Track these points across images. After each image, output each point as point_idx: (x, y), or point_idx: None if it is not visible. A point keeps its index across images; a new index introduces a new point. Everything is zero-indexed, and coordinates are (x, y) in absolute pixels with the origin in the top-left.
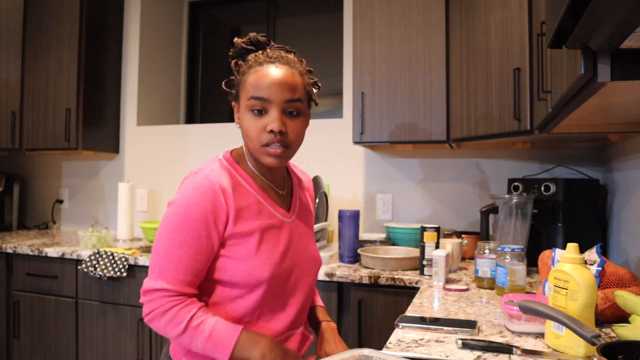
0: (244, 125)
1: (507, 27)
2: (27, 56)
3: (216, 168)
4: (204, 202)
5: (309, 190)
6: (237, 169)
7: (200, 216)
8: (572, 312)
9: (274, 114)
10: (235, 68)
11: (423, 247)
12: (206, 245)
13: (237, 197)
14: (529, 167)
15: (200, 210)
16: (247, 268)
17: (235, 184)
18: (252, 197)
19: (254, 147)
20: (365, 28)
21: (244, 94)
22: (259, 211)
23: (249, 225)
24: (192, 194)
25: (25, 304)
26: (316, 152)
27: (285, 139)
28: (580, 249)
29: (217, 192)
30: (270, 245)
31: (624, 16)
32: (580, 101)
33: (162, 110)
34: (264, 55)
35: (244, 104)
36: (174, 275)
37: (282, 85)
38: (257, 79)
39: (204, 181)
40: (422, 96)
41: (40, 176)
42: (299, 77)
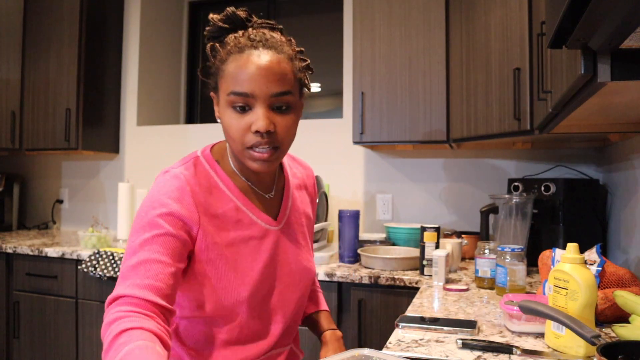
0: (224, 123)
1: (507, 27)
2: (27, 56)
3: (189, 167)
4: (169, 199)
5: (308, 187)
6: (215, 168)
7: (165, 212)
8: (572, 312)
9: (260, 111)
10: (212, 53)
11: (423, 247)
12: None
13: (212, 203)
14: (529, 167)
15: (164, 206)
16: (221, 288)
17: (211, 187)
18: (231, 203)
19: (236, 149)
20: (365, 28)
21: (223, 86)
22: (238, 220)
23: (224, 236)
24: (157, 191)
25: (25, 304)
26: (316, 152)
27: (274, 140)
28: (580, 249)
29: (187, 192)
30: (248, 260)
31: (624, 16)
32: (580, 101)
33: (162, 110)
34: (245, 37)
35: (224, 98)
36: (135, 280)
37: (267, 76)
38: (237, 70)
39: (173, 181)
40: (422, 96)
41: (40, 176)
42: (287, 63)
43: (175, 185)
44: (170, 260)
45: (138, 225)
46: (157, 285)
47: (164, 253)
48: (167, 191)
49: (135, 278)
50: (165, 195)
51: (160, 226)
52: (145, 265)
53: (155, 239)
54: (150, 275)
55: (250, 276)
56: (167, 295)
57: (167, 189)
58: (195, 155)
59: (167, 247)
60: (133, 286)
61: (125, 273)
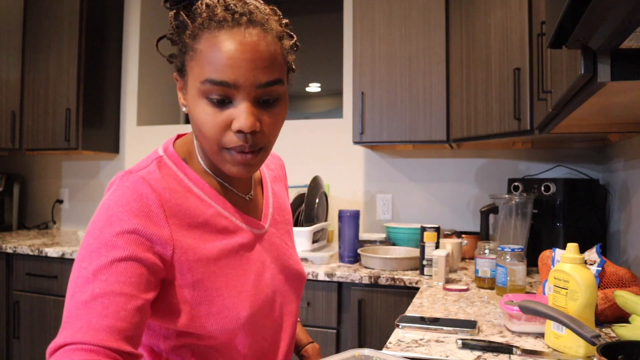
0: (195, 116)
1: (507, 27)
2: (27, 56)
3: (153, 171)
4: (131, 213)
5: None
6: (184, 169)
7: (125, 230)
8: (572, 312)
9: (243, 106)
10: (175, 23)
11: (423, 247)
12: (136, 271)
13: (189, 211)
14: (529, 167)
15: (124, 223)
16: (216, 313)
17: (183, 190)
18: (210, 209)
19: (210, 149)
20: (365, 28)
21: (195, 69)
22: (222, 228)
23: (210, 249)
24: (114, 202)
25: (25, 304)
26: (316, 152)
27: (258, 141)
28: (580, 249)
29: (152, 201)
30: (240, 272)
31: (624, 16)
32: (580, 101)
33: (162, 110)
34: (221, 6)
35: (195, 85)
36: (82, 322)
37: (254, 61)
38: (214, 52)
39: (136, 187)
40: (422, 96)
41: (40, 176)
42: (276, 43)
43: (137, 194)
44: (135, 292)
45: (90, 247)
46: (118, 325)
47: (126, 282)
48: (127, 202)
49: (88, 318)
50: (125, 208)
51: (119, 247)
52: (102, 301)
53: (115, 265)
54: (108, 314)
55: (246, 291)
56: (132, 337)
57: (127, 198)
58: (158, 155)
59: (130, 274)
60: (86, 329)
61: (75, 312)
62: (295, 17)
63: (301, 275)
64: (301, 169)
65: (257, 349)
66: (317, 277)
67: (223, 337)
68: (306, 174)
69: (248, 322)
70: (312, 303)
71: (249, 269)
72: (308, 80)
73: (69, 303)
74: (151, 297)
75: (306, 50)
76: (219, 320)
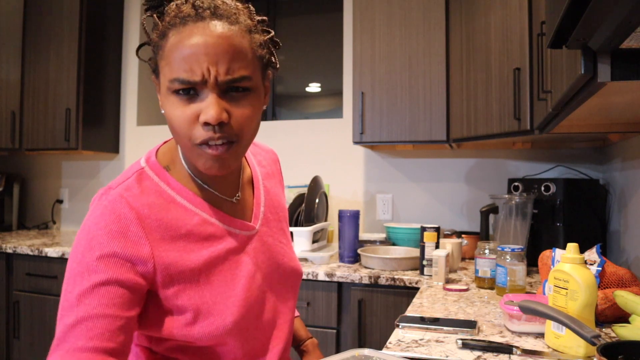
0: (167, 114)
1: (507, 27)
2: (27, 56)
3: (132, 185)
4: (109, 235)
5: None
6: (166, 179)
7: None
8: (572, 312)
9: (209, 98)
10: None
11: (423, 247)
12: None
13: (171, 224)
14: (529, 167)
15: (104, 247)
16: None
17: (166, 203)
18: (195, 217)
19: (184, 146)
20: (365, 28)
21: (164, 68)
22: (208, 235)
23: (194, 259)
24: (94, 224)
25: (25, 304)
26: (316, 152)
27: (228, 133)
28: (580, 249)
29: (130, 220)
30: (228, 278)
31: (624, 16)
32: (580, 101)
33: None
34: (189, 5)
35: (165, 84)
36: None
37: (217, 54)
38: (178, 48)
39: (111, 206)
40: (422, 96)
41: (40, 176)
42: (243, 36)
43: (115, 214)
44: (118, 312)
45: (73, 271)
46: (103, 346)
47: (109, 304)
48: (106, 224)
49: (75, 341)
50: (104, 231)
51: (100, 271)
52: (86, 324)
53: (96, 289)
54: (92, 336)
55: (235, 296)
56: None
57: (105, 221)
58: (139, 167)
59: (112, 296)
60: (72, 352)
61: (62, 336)
62: (295, 17)
63: (296, 272)
64: (301, 169)
65: (249, 348)
66: (317, 277)
67: (210, 342)
68: (306, 174)
69: (235, 327)
70: (312, 303)
71: (238, 273)
72: (308, 80)
73: (58, 326)
74: (135, 313)
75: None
76: (204, 327)
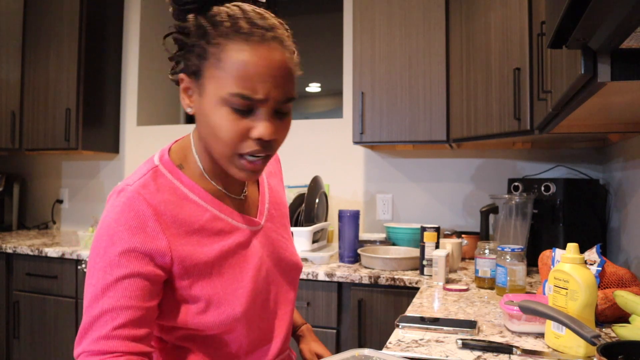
0: (212, 121)
1: (507, 27)
2: (27, 56)
3: (148, 182)
4: (130, 232)
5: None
6: (179, 176)
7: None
8: (572, 312)
9: (265, 116)
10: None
11: (423, 247)
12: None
13: (185, 220)
14: (529, 167)
15: (126, 243)
16: (213, 310)
17: (179, 200)
18: (206, 214)
19: (223, 154)
20: (365, 28)
21: (220, 78)
22: (218, 230)
23: (207, 253)
24: (114, 220)
25: (25, 304)
26: (316, 152)
27: (271, 148)
28: (580, 249)
29: (148, 217)
30: (237, 270)
31: (624, 16)
32: (580, 101)
33: (162, 110)
34: (246, 20)
35: (219, 94)
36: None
37: (279, 79)
38: (244, 66)
39: (130, 203)
40: (422, 96)
41: (40, 176)
42: (293, 61)
43: (134, 211)
44: (140, 303)
45: (98, 264)
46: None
47: (132, 296)
48: (126, 220)
49: (101, 329)
50: (124, 227)
51: (122, 266)
52: (111, 314)
53: (120, 283)
54: (118, 325)
55: (243, 287)
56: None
57: (125, 217)
58: (153, 165)
59: (134, 289)
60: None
61: (88, 326)
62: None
63: (297, 266)
64: (301, 169)
65: (254, 337)
66: (317, 277)
67: (220, 329)
68: (306, 174)
69: (243, 316)
70: (312, 303)
71: (246, 265)
72: (308, 80)
73: (84, 316)
74: (155, 303)
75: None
76: (216, 316)
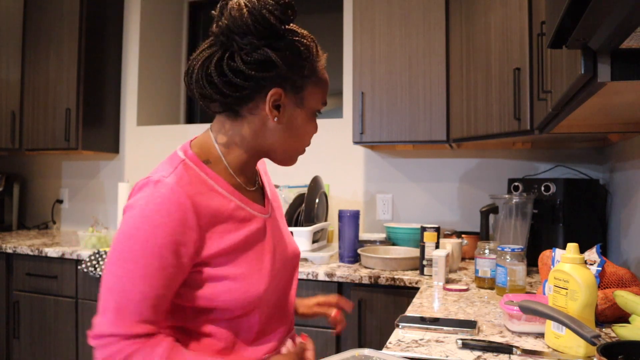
0: (302, 129)
1: (507, 27)
2: (27, 56)
3: (182, 174)
4: (172, 224)
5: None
6: (205, 170)
7: (168, 241)
8: (572, 312)
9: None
10: (304, 55)
11: (423, 247)
12: (174, 275)
13: (216, 209)
14: (529, 167)
15: (168, 234)
16: (240, 287)
17: (208, 190)
18: (231, 203)
19: (295, 150)
20: (365, 28)
21: (316, 94)
22: (242, 219)
23: (234, 239)
24: (155, 211)
25: (25, 304)
26: (316, 152)
27: None
28: (580, 249)
29: (187, 208)
30: (259, 253)
31: (624, 16)
32: (580, 101)
33: (162, 110)
34: (314, 42)
35: (314, 106)
36: (135, 317)
37: None
38: (326, 84)
39: (170, 195)
40: (422, 96)
41: (40, 176)
42: None
43: (176, 203)
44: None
45: (136, 252)
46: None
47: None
48: (168, 212)
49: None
50: (168, 218)
51: (164, 257)
52: (149, 302)
53: (160, 272)
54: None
55: (265, 268)
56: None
57: (167, 208)
58: (181, 159)
59: (170, 279)
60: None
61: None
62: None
63: (297, 252)
64: (301, 169)
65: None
66: (317, 277)
67: (245, 309)
68: (306, 174)
69: (265, 295)
70: None
71: (264, 249)
72: None
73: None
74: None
75: None
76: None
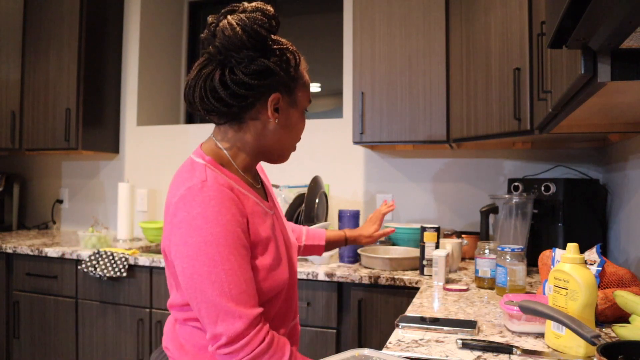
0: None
1: (507, 27)
2: (27, 56)
3: (215, 174)
4: (235, 215)
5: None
6: (224, 171)
7: (239, 230)
8: (572, 312)
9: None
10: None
11: (423, 247)
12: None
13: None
14: (529, 167)
15: (236, 224)
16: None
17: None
18: (250, 200)
19: (290, 146)
20: (365, 28)
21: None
22: (261, 212)
23: (261, 230)
24: (217, 212)
25: (25, 304)
26: (316, 152)
27: None
28: (580, 249)
29: (236, 200)
30: (279, 245)
31: (624, 16)
32: (580, 101)
33: (162, 110)
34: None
35: (302, 103)
36: (253, 301)
37: None
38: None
39: (219, 193)
40: (422, 96)
41: (40, 176)
42: None
43: (230, 200)
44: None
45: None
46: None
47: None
48: (228, 210)
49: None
50: (231, 217)
51: (244, 243)
52: (250, 285)
53: (245, 259)
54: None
55: (285, 257)
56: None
57: (226, 207)
58: (203, 164)
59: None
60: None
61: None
62: (295, 17)
63: (296, 245)
64: (301, 169)
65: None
66: (317, 277)
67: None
68: (306, 174)
69: (287, 281)
70: (312, 303)
71: (279, 240)
72: None
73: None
74: None
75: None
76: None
